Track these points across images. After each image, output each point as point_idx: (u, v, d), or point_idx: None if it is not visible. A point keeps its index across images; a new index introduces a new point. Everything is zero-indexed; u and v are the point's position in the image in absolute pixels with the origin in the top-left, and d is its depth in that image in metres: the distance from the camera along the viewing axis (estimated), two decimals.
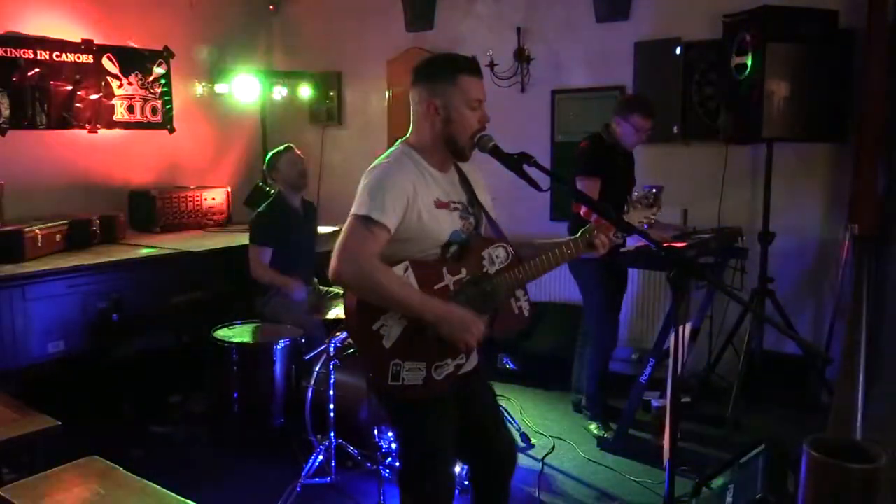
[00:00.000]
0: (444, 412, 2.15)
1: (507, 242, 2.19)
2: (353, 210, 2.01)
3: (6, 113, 4.36)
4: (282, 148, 4.13)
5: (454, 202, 2.14)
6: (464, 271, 2.11)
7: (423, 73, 2.12)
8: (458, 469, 3.13)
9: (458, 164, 2.22)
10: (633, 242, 3.72)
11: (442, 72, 2.09)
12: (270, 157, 4.11)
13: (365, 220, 1.96)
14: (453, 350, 2.08)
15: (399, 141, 2.17)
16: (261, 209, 4.10)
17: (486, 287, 2.12)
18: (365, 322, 2.03)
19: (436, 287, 2.06)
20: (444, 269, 2.09)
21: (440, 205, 2.09)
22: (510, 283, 2.14)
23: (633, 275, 4.30)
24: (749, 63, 3.75)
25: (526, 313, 2.21)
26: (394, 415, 2.26)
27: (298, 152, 4.12)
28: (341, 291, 2.61)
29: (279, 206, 4.06)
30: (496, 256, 2.16)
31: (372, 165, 2.09)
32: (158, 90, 5.22)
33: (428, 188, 2.08)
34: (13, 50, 4.35)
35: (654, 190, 2.22)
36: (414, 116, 2.15)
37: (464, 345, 2.02)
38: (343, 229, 2.01)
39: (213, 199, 5.22)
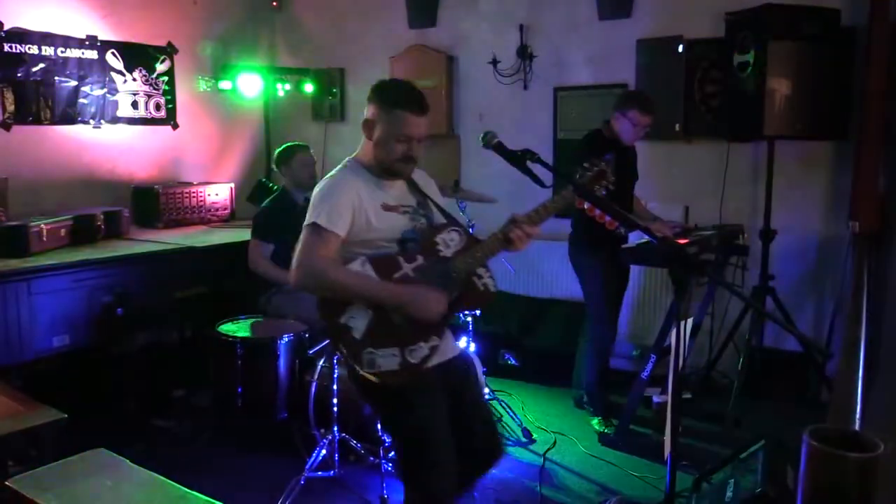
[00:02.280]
0: (430, 399, 2.19)
1: (461, 227, 2.28)
2: (305, 221, 2.17)
3: (11, 108, 4.37)
4: (299, 144, 4.15)
5: (403, 206, 2.27)
6: (420, 258, 2.21)
7: (374, 93, 2.26)
8: None
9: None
10: (633, 238, 3.75)
11: (385, 99, 2.22)
12: (286, 150, 4.11)
13: (315, 228, 2.13)
14: (423, 333, 2.15)
15: (347, 158, 2.32)
16: (265, 204, 4.13)
17: (445, 269, 2.20)
18: (331, 317, 2.13)
19: (395, 276, 2.16)
20: (401, 259, 2.19)
21: (388, 208, 2.22)
22: (469, 262, 2.22)
23: (635, 271, 4.31)
24: (751, 61, 3.76)
25: (491, 289, 2.29)
26: (380, 409, 2.35)
27: (313, 154, 4.16)
28: None
29: (283, 202, 4.07)
30: (450, 240, 2.25)
31: (322, 180, 2.26)
32: (162, 86, 5.24)
33: (372, 194, 2.21)
34: (18, 45, 4.37)
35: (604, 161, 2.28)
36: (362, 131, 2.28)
37: (427, 320, 2.12)
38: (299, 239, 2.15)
39: (217, 194, 5.23)
